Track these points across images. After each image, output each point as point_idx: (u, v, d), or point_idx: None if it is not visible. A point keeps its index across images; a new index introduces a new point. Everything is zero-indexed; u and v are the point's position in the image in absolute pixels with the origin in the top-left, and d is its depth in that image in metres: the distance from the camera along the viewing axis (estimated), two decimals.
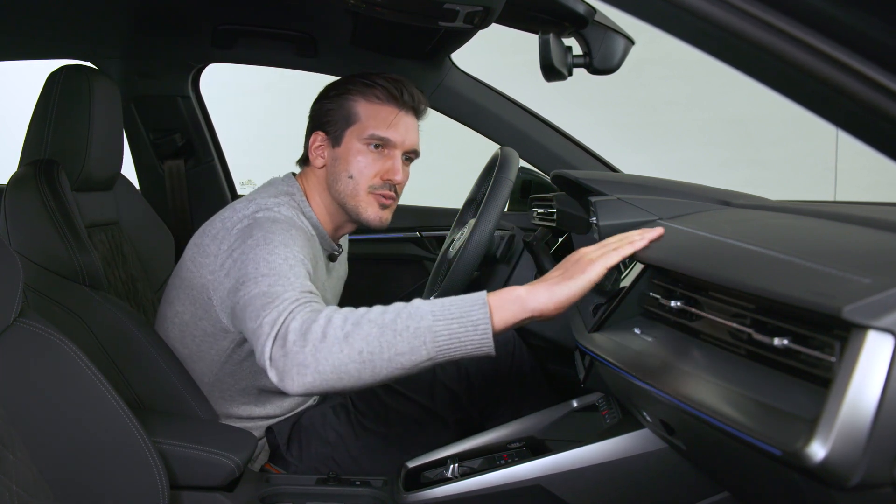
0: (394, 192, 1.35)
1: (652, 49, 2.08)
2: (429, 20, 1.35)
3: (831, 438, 0.58)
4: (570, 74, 1.35)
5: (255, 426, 1.41)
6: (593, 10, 1.34)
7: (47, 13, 1.70)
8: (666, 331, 0.93)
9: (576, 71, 1.37)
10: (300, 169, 1.43)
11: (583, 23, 1.35)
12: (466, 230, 1.48)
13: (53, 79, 1.50)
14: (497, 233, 1.55)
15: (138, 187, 2.12)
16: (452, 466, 1.30)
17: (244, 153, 2.36)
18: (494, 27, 1.40)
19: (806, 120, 0.76)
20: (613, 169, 1.98)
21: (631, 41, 1.41)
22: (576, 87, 1.73)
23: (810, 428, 0.60)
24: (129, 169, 1.94)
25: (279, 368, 0.94)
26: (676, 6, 0.68)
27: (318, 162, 1.37)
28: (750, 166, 4.13)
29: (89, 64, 1.84)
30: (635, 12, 0.72)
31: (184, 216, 2.16)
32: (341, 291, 1.61)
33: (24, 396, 1.04)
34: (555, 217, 1.67)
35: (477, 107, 1.99)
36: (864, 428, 0.58)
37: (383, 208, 1.35)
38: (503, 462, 1.28)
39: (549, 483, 1.17)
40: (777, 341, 0.69)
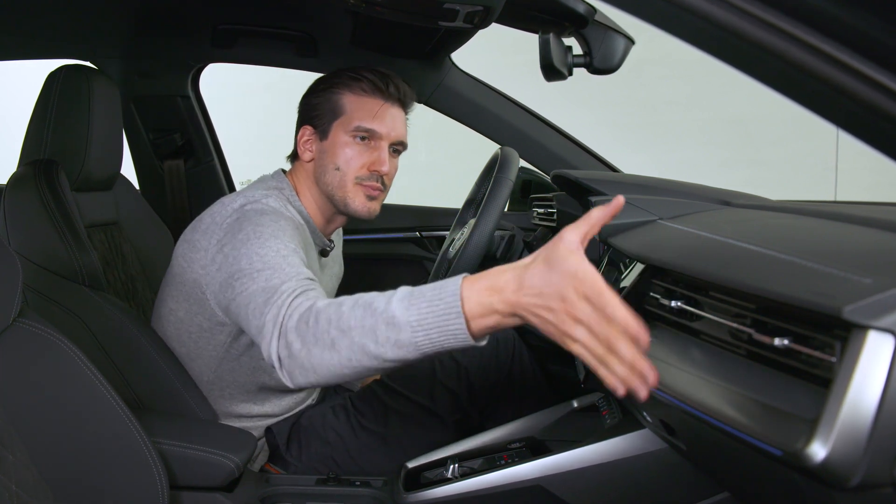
0: (381, 184, 1.36)
1: (652, 49, 2.07)
2: (429, 20, 1.35)
3: (832, 439, 0.58)
4: (571, 74, 1.35)
5: (255, 425, 1.40)
6: (593, 10, 1.34)
7: (47, 13, 1.70)
8: (666, 331, 0.92)
9: (576, 71, 1.37)
10: (290, 165, 1.44)
11: (583, 22, 1.35)
12: (466, 230, 1.47)
13: (53, 79, 1.50)
14: (497, 233, 1.54)
15: (138, 187, 2.11)
16: (452, 467, 1.29)
17: (244, 153, 2.36)
18: (494, 27, 1.40)
19: (806, 120, 0.76)
20: (613, 169, 1.98)
21: (631, 41, 1.41)
22: (576, 87, 1.73)
23: (811, 428, 0.60)
24: (129, 169, 1.94)
25: (287, 369, 0.98)
26: (677, 6, 0.68)
27: (307, 156, 1.39)
28: (750, 166, 4.12)
29: (89, 64, 1.84)
30: (635, 12, 0.72)
31: (183, 216, 2.16)
32: (335, 290, 1.61)
33: (24, 397, 1.04)
34: (555, 217, 1.67)
35: (477, 107, 1.99)
36: (865, 428, 0.58)
37: (371, 199, 1.36)
38: (503, 462, 1.28)
39: (550, 483, 1.17)
40: (777, 341, 0.69)
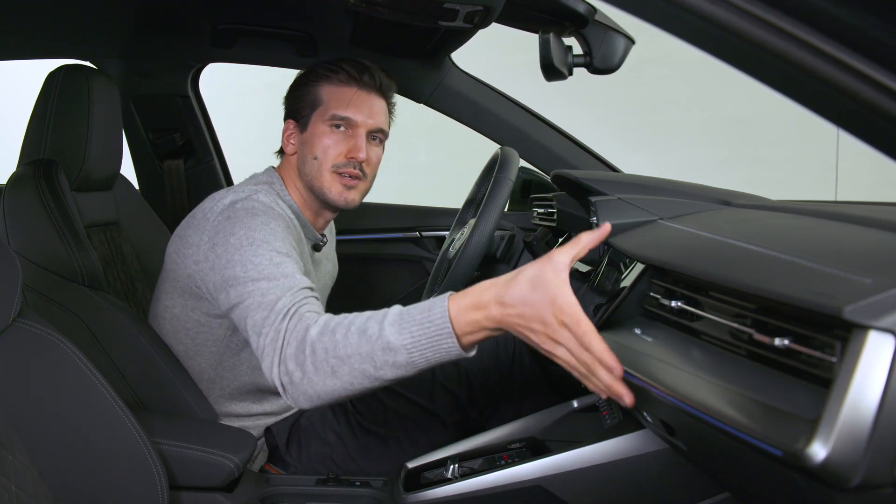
0: (360, 171, 1.36)
1: (652, 48, 2.07)
2: (429, 19, 1.35)
3: (832, 439, 0.58)
4: (571, 74, 1.35)
5: (254, 424, 1.40)
6: (594, 10, 1.34)
7: (47, 13, 1.70)
8: (666, 331, 0.92)
9: (576, 70, 1.37)
10: (279, 161, 1.46)
11: (583, 22, 1.35)
12: (466, 230, 1.47)
13: (52, 78, 1.49)
14: (497, 233, 1.54)
15: (137, 187, 2.11)
16: (452, 467, 1.29)
17: (244, 153, 2.36)
18: (495, 26, 1.40)
19: (807, 119, 0.76)
20: (614, 169, 1.98)
21: (631, 41, 1.41)
22: (576, 87, 1.72)
23: (811, 428, 0.60)
24: (129, 169, 1.94)
25: (292, 395, 1.02)
26: (677, 5, 0.67)
27: (290, 149, 1.41)
28: (750, 166, 4.12)
29: (89, 64, 1.84)
30: (636, 11, 0.72)
31: (183, 216, 2.12)
32: (330, 289, 1.61)
33: (24, 397, 1.04)
34: (555, 217, 1.67)
35: (477, 106, 1.99)
36: (865, 428, 0.58)
37: (348, 189, 1.36)
38: (503, 462, 1.28)
39: (550, 483, 1.17)
40: (778, 341, 0.69)
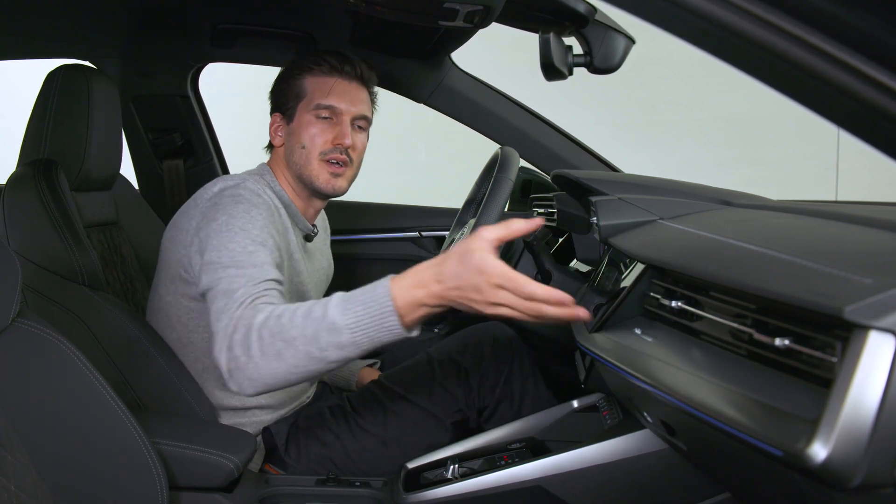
0: (346, 157, 1.40)
1: (652, 48, 2.06)
2: (429, 19, 1.35)
3: (832, 439, 0.58)
4: (571, 74, 1.35)
5: (251, 421, 1.40)
6: (594, 9, 1.34)
7: (47, 13, 1.70)
8: (666, 331, 0.92)
9: (576, 70, 1.37)
10: (269, 156, 1.49)
11: (583, 22, 1.35)
12: (466, 230, 1.47)
13: (52, 78, 1.49)
14: None
15: (137, 187, 2.11)
16: (452, 467, 1.29)
17: (244, 153, 2.35)
18: (495, 26, 1.40)
19: (807, 119, 0.76)
20: (614, 169, 1.98)
21: (631, 40, 1.40)
22: (576, 87, 1.72)
23: (811, 428, 0.60)
24: (129, 169, 1.94)
25: (236, 380, 1.04)
26: (677, 5, 0.67)
27: (278, 141, 1.45)
28: (750, 166, 4.12)
29: (88, 63, 1.84)
30: (636, 11, 0.72)
31: None
32: (325, 286, 1.62)
33: (23, 397, 1.04)
34: (555, 217, 1.67)
35: (477, 106, 1.99)
36: (866, 428, 0.58)
37: (335, 176, 1.40)
38: (503, 463, 1.28)
39: (550, 484, 1.17)
40: (778, 341, 0.69)
